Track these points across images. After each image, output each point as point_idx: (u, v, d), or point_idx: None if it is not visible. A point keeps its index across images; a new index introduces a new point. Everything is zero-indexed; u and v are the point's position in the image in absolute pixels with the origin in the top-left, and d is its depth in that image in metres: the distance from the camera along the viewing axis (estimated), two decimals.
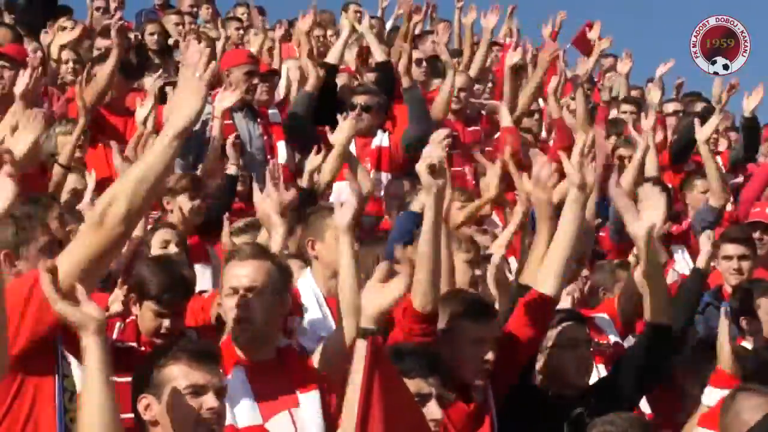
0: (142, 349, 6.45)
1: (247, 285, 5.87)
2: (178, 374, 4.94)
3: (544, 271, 6.56)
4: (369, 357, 4.45)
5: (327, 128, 9.94)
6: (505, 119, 12.20)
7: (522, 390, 6.69)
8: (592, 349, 7.40)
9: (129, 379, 5.38)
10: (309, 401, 5.82)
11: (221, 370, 5.07)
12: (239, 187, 9.96)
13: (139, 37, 13.52)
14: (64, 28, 12.89)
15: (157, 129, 9.64)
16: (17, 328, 5.10)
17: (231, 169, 9.87)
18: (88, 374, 4.70)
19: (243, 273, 5.92)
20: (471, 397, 6.35)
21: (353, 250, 6.42)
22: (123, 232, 5.14)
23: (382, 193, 10.68)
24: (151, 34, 13.21)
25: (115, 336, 6.61)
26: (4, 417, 5.24)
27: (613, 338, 8.32)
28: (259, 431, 5.55)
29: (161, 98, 10.78)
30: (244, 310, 5.82)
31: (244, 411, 5.46)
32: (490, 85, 14.57)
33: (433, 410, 5.41)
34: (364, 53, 13.62)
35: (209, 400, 4.89)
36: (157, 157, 5.14)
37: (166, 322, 6.55)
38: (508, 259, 8.64)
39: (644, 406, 7.68)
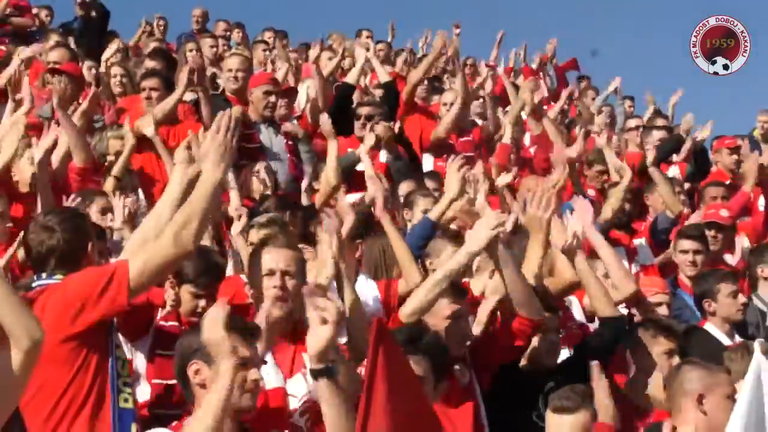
0: (182, 327, 6.50)
1: (283, 268, 5.92)
2: None
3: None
4: (374, 335, 4.46)
5: None
6: (507, 136, 12.48)
7: (505, 368, 6.83)
8: (563, 333, 7.50)
9: None
10: None
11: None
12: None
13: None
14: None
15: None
16: (92, 308, 5.41)
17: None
18: None
19: (281, 258, 5.97)
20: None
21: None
22: (193, 250, 5.48)
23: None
24: (190, 50, 13.27)
25: (159, 318, 6.69)
26: (70, 384, 5.43)
27: (578, 319, 8.40)
28: (281, 391, 5.54)
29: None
30: (282, 289, 5.86)
31: (269, 375, 5.45)
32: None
33: None
34: None
35: (253, 373, 4.95)
36: (209, 193, 5.46)
37: (202, 303, 6.59)
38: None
39: None
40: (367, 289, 7.43)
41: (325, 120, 10.36)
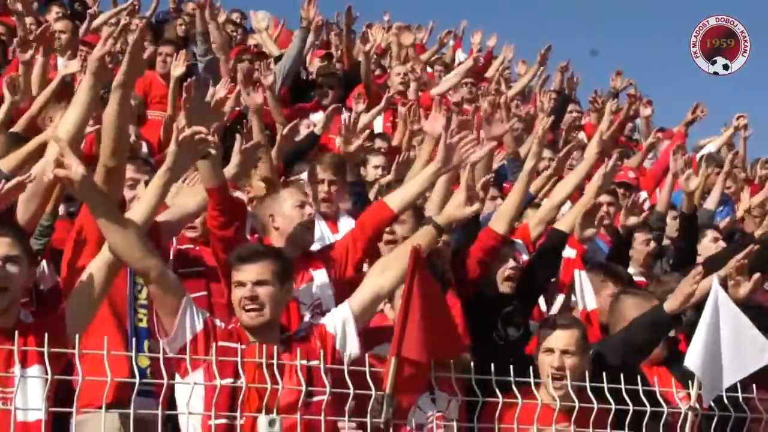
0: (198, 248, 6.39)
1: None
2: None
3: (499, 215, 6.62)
4: (411, 262, 4.39)
5: None
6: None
7: (472, 297, 6.70)
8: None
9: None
10: (319, 275, 5.86)
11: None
12: None
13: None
14: None
15: None
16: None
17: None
18: None
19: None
20: None
21: None
22: None
23: None
24: (180, 24, 13.26)
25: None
26: None
27: (525, 257, 8.33)
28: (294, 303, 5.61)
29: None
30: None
31: None
32: None
33: None
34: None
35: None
36: None
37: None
38: None
39: None
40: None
41: None
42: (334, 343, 4.87)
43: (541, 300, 7.53)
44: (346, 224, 7.12)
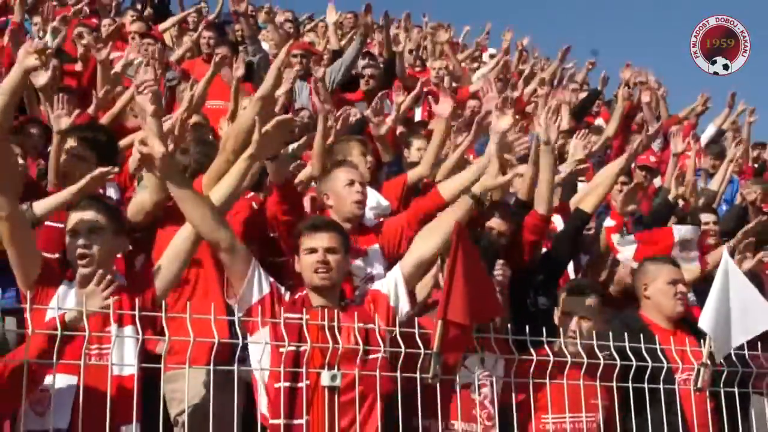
0: None
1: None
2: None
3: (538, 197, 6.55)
4: (455, 236, 4.46)
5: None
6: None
7: None
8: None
9: None
10: (372, 250, 5.95)
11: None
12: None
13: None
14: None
15: None
16: None
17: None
18: None
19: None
20: None
21: None
22: None
23: None
24: (235, 30, 13.39)
25: None
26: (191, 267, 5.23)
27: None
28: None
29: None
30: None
31: None
32: None
33: None
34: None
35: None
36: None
37: None
38: None
39: None
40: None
41: None
42: (388, 301, 4.93)
43: (570, 267, 7.57)
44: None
